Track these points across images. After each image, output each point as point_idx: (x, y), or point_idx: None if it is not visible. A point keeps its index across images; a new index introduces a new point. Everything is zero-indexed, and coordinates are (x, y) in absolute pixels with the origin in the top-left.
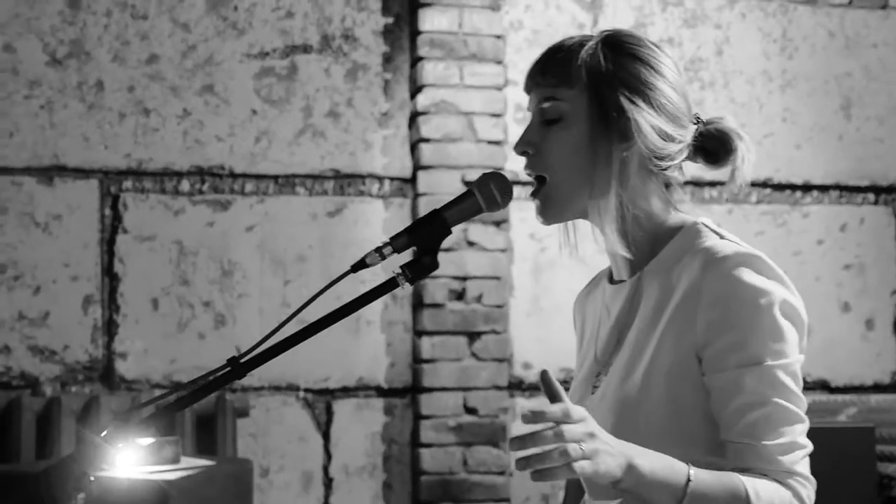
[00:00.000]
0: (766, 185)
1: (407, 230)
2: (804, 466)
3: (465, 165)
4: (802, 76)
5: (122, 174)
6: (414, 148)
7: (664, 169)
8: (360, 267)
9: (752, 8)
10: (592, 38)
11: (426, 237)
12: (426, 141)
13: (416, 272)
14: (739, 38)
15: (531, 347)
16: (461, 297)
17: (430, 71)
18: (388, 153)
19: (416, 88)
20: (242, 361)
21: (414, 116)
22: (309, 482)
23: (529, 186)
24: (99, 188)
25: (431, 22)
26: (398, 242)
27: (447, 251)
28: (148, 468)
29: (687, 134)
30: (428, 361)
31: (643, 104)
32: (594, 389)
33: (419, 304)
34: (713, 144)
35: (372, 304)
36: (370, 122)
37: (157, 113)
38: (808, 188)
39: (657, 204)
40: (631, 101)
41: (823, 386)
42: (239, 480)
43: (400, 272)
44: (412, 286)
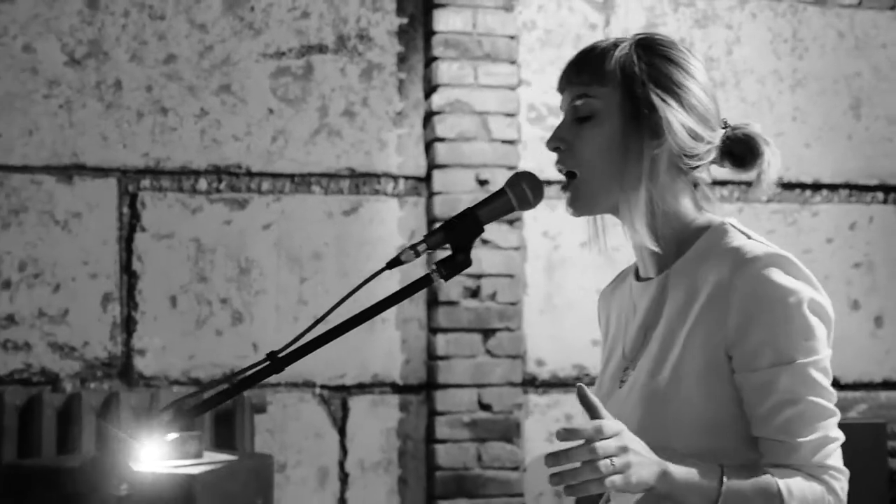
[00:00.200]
0: (777, 184)
1: (441, 228)
2: (836, 459)
3: (479, 164)
4: (812, 76)
5: (140, 173)
6: (428, 147)
7: (693, 168)
8: (395, 264)
9: (762, 8)
10: (625, 39)
11: (460, 235)
12: (441, 140)
13: (450, 269)
14: (750, 38)
15: (544, 344)
16: (476, 294)
17: (444, 71)
18: (402, 152)
19: (430, 88)
20: (281, 356)
21: (428, 116)
22: (325, 477)
23: (545, 185)
24: (117, 187)
25: (446, 22)
26: (433, 240)
27: None
28: (172, 462)
29: (715, 136)
30: (443, 358)
31: (674, 103)
32: (621, 384)
33: (434, 301)
34: (740, 149)
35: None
36: (385, 121)
37: (174, 112)
38: (817, 187)
39: (685, 203)
40: (662, 99)
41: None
42: (260, 475)
43: (435, 269)
44: (445, 282)
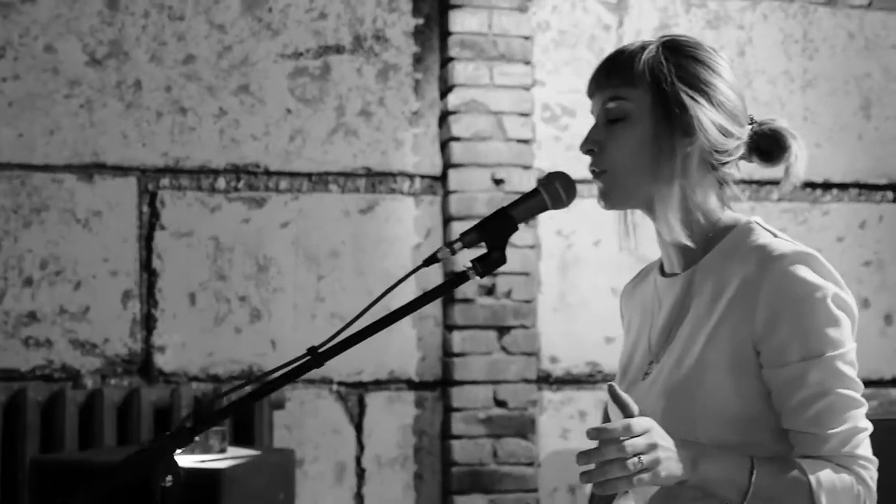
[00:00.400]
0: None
1: (476, 227)
2: (866, 448)
3: (494, 164)
4: (823, 76)
5: (159, 172)
6: (444, 146)
7: (723, 164)
8: (431, 261)
9: (773, 9)
10: (651, 42)
11: (494, 233)
12: (457, 139)
13: (485, 266)
14: (761, 38)
15: (558, 342)
16: (491, 292)
17: (460, 71)
18: (418, 151)
19: (446, 88)
20: (321, 352)
21: (444, 115)
22: (342, 473)
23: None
24: (137, 185)
25: (462, 23)
26: (468, 238)
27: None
28: (198, 458)
29: (744, 132)
30: (458, 355)
31: (704, 101)
32: (645, 376)
33: (450, 298)
34: (768, 143)
35: (403, 298)
36: (401, 120)
37: (193, 112)
38: (828, 186)
39: (713, 200)
40: (692, 98)
41: None
42: (282, 470)
43: (471, 266)
44: (481, 279)
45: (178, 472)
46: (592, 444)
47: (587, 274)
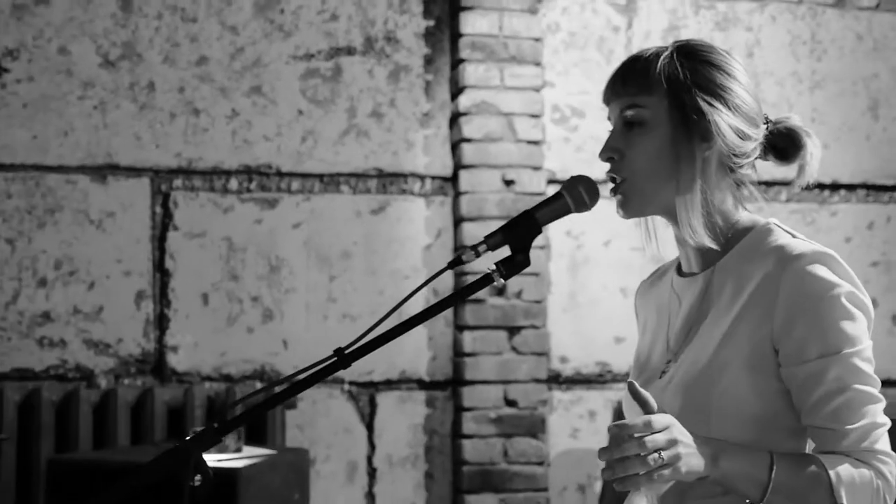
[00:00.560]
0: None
1: (501, 230)
2: (884, 443)
3: (504, 165)
4: (831, 77)
5: (172, 173)
6: (455, 147)
7: (741, 166)
8: (456, 263)
9: (781, 11)
10: (665, 48)
11: (518, 236)
12: (468, 141)
13: (509, 269)
14: (770, 40)
15: (568, 342)
16: (501, 292)
17: (471, 73)
18: (429, 152)
19: (457, 89)
20: (347, 353)
21: (455, 117)
22: (354, 472)
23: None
24: (150, 186)
25: (472, 25)
26: (492, 241)
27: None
28: (214, 457)
29: (759, 133)
30: (469, 355)
31: (721, 106)
32: (662, 374)
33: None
34: (783, 142)
35: (413, 300)
36: (412, 122)
37: (206, 113)
38: (836, 187)
39: (730, 202)
40: (709, 103)
41: None
42: (297, 469)
43: (495, 269)
44: (505, 282)
45: (207, 471)
46: (591, 443)
47: (597, 274)
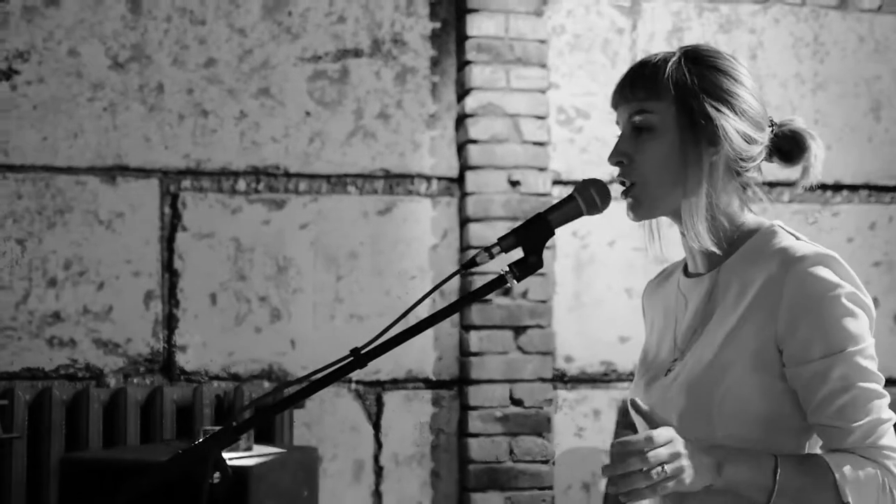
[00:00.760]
0: (796, 182)
1: (514, 232)
2: (889, 439)
3: (510, 166)
4: (833, 79)
5: (181, 174)
6: (461, 149)
7: (747, 170)
8: (470, 265)
9: (784, 13)
10: (674, 53)
11: (531, 238)
12: (474, 142)
13: (522, 270)
14: (773, 42)
15: (573, 341)
16: (507, 292)
17: (477, 74)
18: (435, 154)
19: (463, 91)
20: (363, 352)
21: (461, 118)
22: (360, 470)
23: (572, 186)
24: (159, 187)
25: (479, 27)
26: (505, 243)
27: None
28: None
29: (765, 136)
30: (475, 354)
31: (727, 111)
32: (667, 373)
33: None
34: (788, 144)
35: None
36: (419, 123)
37: (214, 115)
38: (838, 188)
39: (736, 204)
40: (716, 108)
41: None
42: (306, 467)
43: (508, 270)
44: (518, 282)
45: (225, 469)
46: (596, 442)
47: (602, 274)
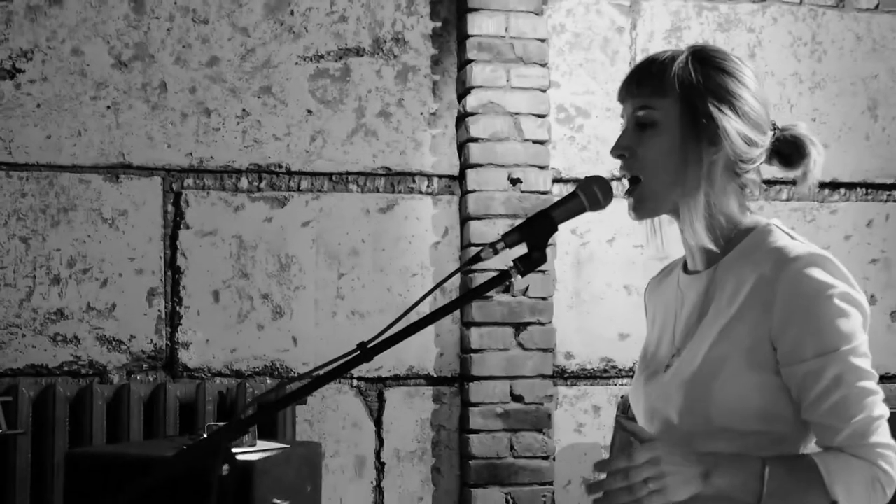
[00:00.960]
0: (796, 182)
1: (518, 228)
2: (882, 435)
3: (511, 164)
4: (831, 78)
5: (184, 172)
6: (462, 147)
7: (746, 171)
8: (474, 261)
9: (783, 12)
10: (682, 52)
11: (535, 234)
12: (474, 140)
13: (527, 266)
14: (771, 41)
15: (573, 338)
16: (508, 289)
17: (478, 73)
18: (436, 152)
19: (464, 90)
20: (370, 346)
21: (462, 117)
22: (362, 466)
23: (572, 184)
24: (162, 185)
25: (479, 26)
26: (510, 239)
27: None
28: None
29: (766, 139)
30: (476, 351)
31: (730, 112)
32: (667, 368)
33: None
34: (788, 149)
35: (417, 298)
36: (420, 121)
37: (217, 113)
38: (835, 186)
39: (734, 204)
40: (719, 109)
41: None
42: (310, 462)
43: (512, 266)
44: (522, 277)
45: (234, 461)
46: (596, 437)
47: (601, 271)
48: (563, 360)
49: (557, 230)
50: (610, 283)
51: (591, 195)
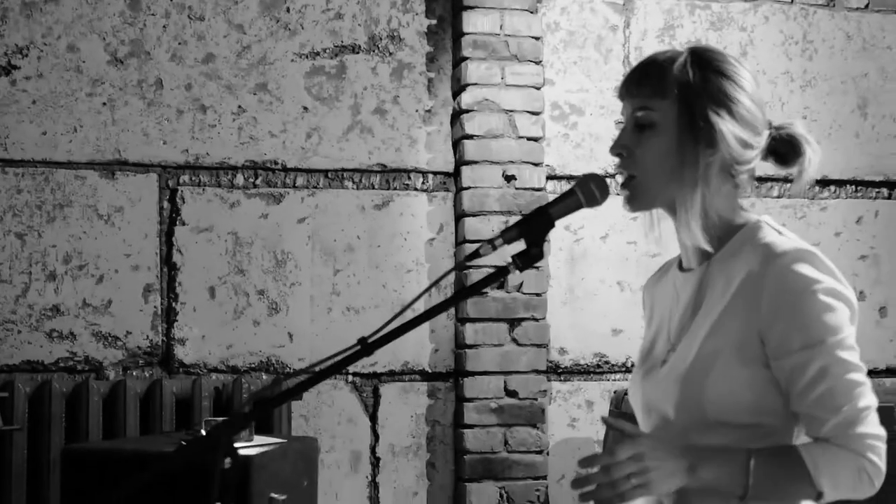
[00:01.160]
0: (787, 179)
1: (516, 225)
2: (869, 426)
3: (506, 161)
4: (821, 76)
5: (180, 168)
6: (457, 144)
7: (741, 173)
8: (473, 257)
9: (774, 11)
10: (681, 53)
11: (533, 231)
12: (469, 137)
13: (525, 261)
14: (762, 40)
15: (566, 334)
16: (502, 285)
17: (473, 70)
18: (431, 149)
19: (459, 87)
20: (370, 342)
21: (457, 114)
22: (357, 461)
23: (566, 181)
24: (158, 182)
25: (474, 24)
26: (508, 235)
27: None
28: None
29: (762, 140)
30: (471, 347)
31: (727, 115)
32: (663, 364)
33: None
34: (784, 148)
35: (412, 295)
36: (415, 118)
37: (213, 110)
38: (826, 183)
39: (729, 205)
40: (717, 112)
41: None
42: (306, 457)
43: (511, 262)
44: (521, 273)
45: (236, 454)
46: (589, 432)
47: (595, 268)
48: (556, 355)
49: (555, 227)
50: (603, 279)
51: (588, 192)
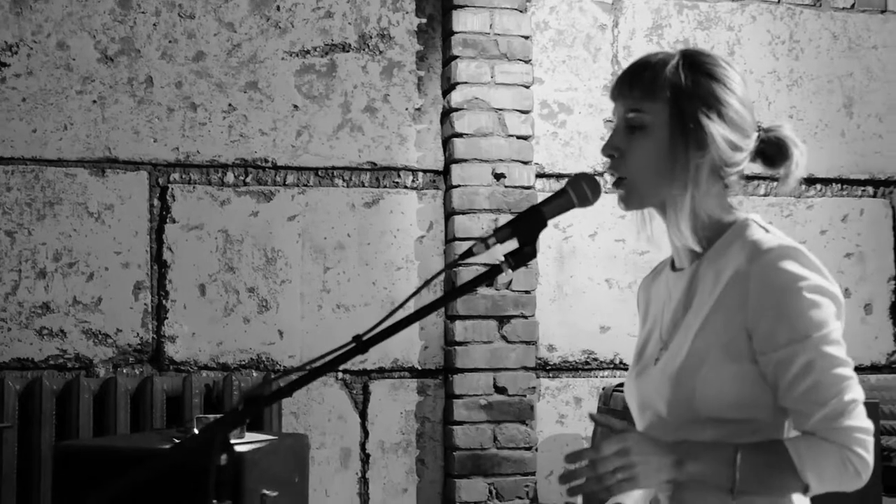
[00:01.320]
0: (773, 178)
1: (509, 224)
2: (855, 419)
3: (495, 159)
4: (808, 76)
5: (170, 166)
6: (446, 142)
7: (731, 175)
8: (467, 255)
9: (761, 11)
10: (673, 56)
11: (526, 230)
12: (459, 136)
13: (518, 260)
14: (749, 39)
15: (555, 331)
16: (492, 283)
17: (463, 69)
18: (421, 147)
19: (449, 86)
20: (365, 339)
21: (447, 112)
22: (347, 458)
23: (555, 179)
24: (148, 180)
25: (464, 23)
26: (501, 234)
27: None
28: None
29: (751, 143)
30: (460, 344)
31: (717, 118)
32: (656, 362)
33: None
34: (772, 150)
35: (403, 291)
36: (405, 117)
37: (203, 108)
38: (812, 181)
39: (719, 203)
40: (707, 115)
41: None
42: (297, 454)
43: (504, 260)
44: (514, 271)
45: (232, 451)
46: (577, 429)
47: (583, 265)
48: (545, 352)
49: (547, 225)
50: (592, 276)
51: (580, 192)
